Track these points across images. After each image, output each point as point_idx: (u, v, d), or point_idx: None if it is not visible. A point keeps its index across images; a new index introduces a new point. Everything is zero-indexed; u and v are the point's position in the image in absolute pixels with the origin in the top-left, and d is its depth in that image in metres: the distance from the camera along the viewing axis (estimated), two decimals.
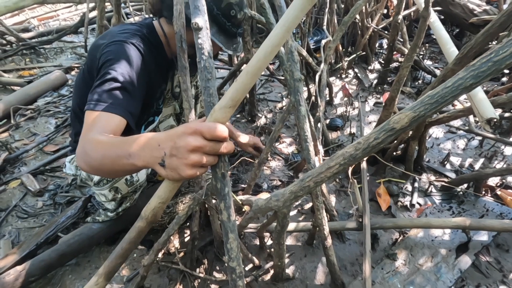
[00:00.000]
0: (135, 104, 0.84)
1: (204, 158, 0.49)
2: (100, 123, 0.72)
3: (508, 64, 0.38)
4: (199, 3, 0.55)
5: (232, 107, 0.50)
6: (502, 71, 0.39)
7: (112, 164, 0.60)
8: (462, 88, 0.41)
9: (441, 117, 1.18)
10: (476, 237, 1.08)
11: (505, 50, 0.38)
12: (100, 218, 1.16)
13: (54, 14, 4.52)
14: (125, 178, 1.04)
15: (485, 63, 0.39)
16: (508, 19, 0.77)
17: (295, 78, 0.89)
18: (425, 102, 0.44)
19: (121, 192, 1.07)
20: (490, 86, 2.09)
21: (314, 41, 2.60)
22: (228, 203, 0.62)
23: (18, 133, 2.01)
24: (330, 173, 0.55)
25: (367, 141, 0.50)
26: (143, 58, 0.91)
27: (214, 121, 0.51)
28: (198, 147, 0.48)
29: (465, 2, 2.38)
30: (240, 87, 0.48)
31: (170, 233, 0.77)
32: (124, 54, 0.85)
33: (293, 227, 1.10)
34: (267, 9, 1.06)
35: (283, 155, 1.65)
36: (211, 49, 0.56)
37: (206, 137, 0.49)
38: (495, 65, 0.38)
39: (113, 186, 1.04)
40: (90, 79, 0.93)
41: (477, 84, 0.40)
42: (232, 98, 0.49)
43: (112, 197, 1.07)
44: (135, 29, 0.96)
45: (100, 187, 1.04)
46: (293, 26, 0.43)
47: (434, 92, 0.43)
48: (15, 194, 1.53)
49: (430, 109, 0.44)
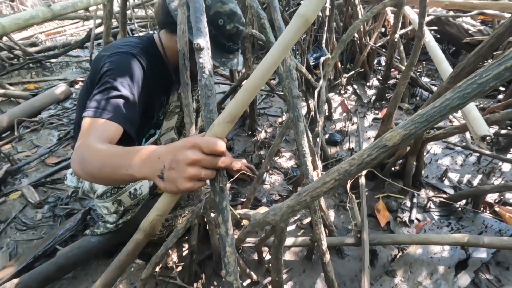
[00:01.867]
0: (133, 113, 0.86)
1: (202, 171, 0.51)
2: (97, 129, 0.73)
3: (491, 86, 0.40)
4: (201, 25, 0.58)
5: (231, 122, 0.53)
6: (486, 92, 0.41)
7: (111, 173, 0.61)
8: (450, 108, 0.43)
9: (438, 134, 1.20)
10: (476, 254, 1.08)
11: (488, 74, 0.40)
12: (99, 231, 1.16)
13: (62, 30, 4.66)
14: (129, 191, 1.05)
15: (470, 85, 0.41)
16: (497, 41, 0.81)
17: (293, 95, 0.92)
18: (415, 121, 0.46)
19: (124, 205, 1.08)
20: (486, 103, 2.13)
21: (314, 58, 2.67)
22: (226, 217, 0.63)
23: (21, 145, 2.03)
24: (326, 188, 0.56)
25: (361, 157, 0.52)
26: (144, 70, 0.94)
27: (212, 135, 0.53)
28: (196, 160, 0.50)
29: (460, 22, 2.45)
30: (239, 103, 0.50)
31: (168, 246, 0.77)
32: (125, 64, 0.88)
33: (291, 242, 1.10)
34: (267, 29, 1.11)
35: (283, 169, 1.66)
36: (212, 68, 0.59)
37: (204, 151, 0.50)
38: (480, 87, 0.41)
39: (116, 199, 1.04)
40: (92, 91, 0.93)
41: (463, 104, 0.42)
42: (230, 113, 0.51)
43: (114, 210, 1.08)
44: (137, 42, 1.00)
45: (103, 200, 1.05)
46: (289, 46, 0.45)
47: (424, 111, 0.46)
48: (15, 206, 1.54)
49: (420, 128, 0.46)
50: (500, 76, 0.39)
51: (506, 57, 0.39)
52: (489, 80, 0.40)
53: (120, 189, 1.04)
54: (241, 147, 1.85)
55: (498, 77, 0.39)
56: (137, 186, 1.07)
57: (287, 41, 0.45)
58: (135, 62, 0.92)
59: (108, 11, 1.71)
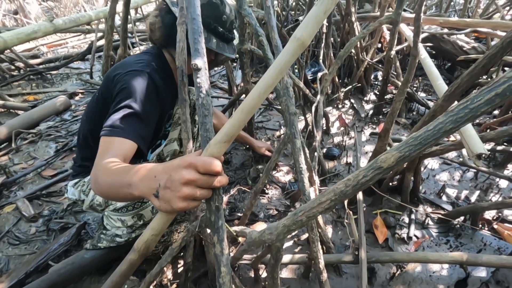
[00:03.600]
0: (147, 130, 0.90)
1: (197, 191, 0.51)
2: (112, 148, 0.78)
3: (483, 111, 0.41)
4: (199, 46, 0.59)
5: (227, 142, 0.53)
6: (478, 117, 0.42)
7: (117, 192, 0.65)
8: (443, 132, 0.43)
9: (434, 150, 1.20)
10: (475, 273, 1.06)
11: (479, 99, 0.41)
12: (102, 244, 1.13)
13: (63, 42, 4.72)
14: (152, 206, 1.05)
15: (462, 109, 0.42)
16: (490, 62, 0.82)
17: (290, 112, 0.92)
18: (409, 143, 0.47)
19: (144, 219, 1.07)
20: (482, 118, 2.15)
21: (312, 72, 2.70)
22: (222, 237, 0.62)
23: (18, 157, 2.02)
24: (322, 208, 0.56)
25: (356, 178, 0.52)
26: (157, 88, 0.97)
27: (209, 155, 0.53)
28: (192, 180, 0.50)
29: (455, 39, 2.51)
30: (235, 123, 0.51)
31: (163, 265, 0.76)
32: (139, 83, 0.91)
33: (288, 259, 1.09)
34: (265, 46, 1.13)
35: (280, 184, 1.66)
36: (209, 87, 0.59)
37: (200, 171, 0.50)
38: (471, 112, 0.41)
39: (138, 213, 1.04)
40: (103, 106, 0.99)
41: (456, 128, 0.43)
42: (227, 133, 0.52)
43: (132, 223, 1.07)
44: (149, 59, 1.03)
45: (122, 213, 1.04)
46: (285, 69, 0.46)
47: (418, 134, 0.46)
48: (9, 219, 1.52)
49: (415, 150, 0.46)
50: (491, 101, 0.40)
51: (496, 83, 0.40)
52: (481, 105, 0.40)
53: (144, 204, 1.05)
54: (239, 161, 1.84)
55: (489, 103, 0.40)
56: None
57: (283, 63, 0.45)
58: (149, 79, 0.95)
59: (109, 26, 1.74)
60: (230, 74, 2.06)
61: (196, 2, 0.62)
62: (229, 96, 2.43)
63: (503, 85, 0.39)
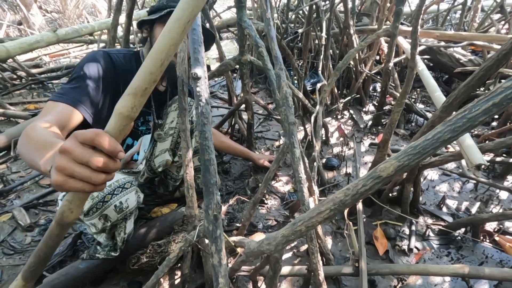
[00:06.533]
0: (88, 98, 0.97)
1: (72, 166, 0.42)
2: (46, 110, 0.86)
3: (480, 121, 0.41)
4: (199, 56, 0.60)
5: (132, 95, 0.41)
6: (476, 126, 0.42)
7: (26, 156, 0.67)
8: (442, 141, 0.44)
9: (434, 161, 1.20)
10: (477, 286, 1.04)
11: (477, 109, 0.41)
12: (100, 256, 1.10)
13: (66, 52, 4.78)
14: (114, 205, 1.00)
15: (460, 119, 0.42)
16: (486, 74, 0.83)
17: (289, 122, 0.93)
18: (408, 153, 0.47)
19: (110, 220, 1.02)
20: (481, 130, 2.16)
21: (311, 83, 2.73)
22: (220, 246, 0.61)
23: (16, 165, 2.02)
24: (321, 218, 0.55)
25: (355, 187, 0.51)
26: (114, 65, 1.06)
27: (110, 124, 0.43)
28: (66, 149, 0.42)
29: (452, 52, 2.55)
30: (142, 74, 0.41)
31: (160, 276, 0.74)
32: (93, 58, 1.01)
33: (287, 271, 1.07)
34: (265, 56, 1.14)
35: (279, 194, 1.65)
36: (208, 96, 0.60)
37: (79, 140, 0.43)
38: (469, 122, 0.41)
39: (102, 213, 1.00)
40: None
41: (455, 137, 0.43)
42: (132, 86, 0.41)
43: (101, 227, 1.02)
44: (125, 50, 1.16)
45: (90, 217, 0.99)
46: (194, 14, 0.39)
47: (416, 143, 0.46)
48: (4, 229, 1.50)
49: (414, 159, 0.46)
50: (488, 111, 0.40)
51: (493, 93, 0.40)
52: (478, 115, 0.41)
53: (105, 203, 0.99)
54: (237, 171, 1.84)
55: (487, 112, 0.40)
56: (123, 199, 1.03)
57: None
58: (106, 57, 1.05)
59: (112, 37, 1.77)
60: (230, 84, 2.08)
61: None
62: (229, 106, 2.45)
63: (500, 95, 0.40)
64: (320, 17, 2.30)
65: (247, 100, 1.67)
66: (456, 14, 4.61)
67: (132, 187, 1.07)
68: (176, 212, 1.40)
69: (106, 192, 0.98)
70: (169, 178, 1.37)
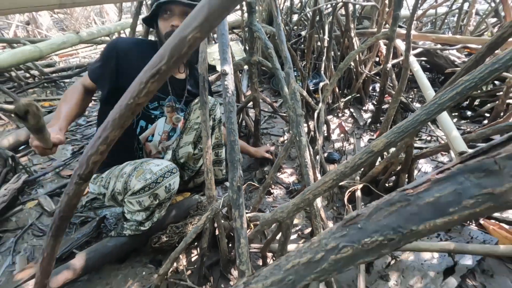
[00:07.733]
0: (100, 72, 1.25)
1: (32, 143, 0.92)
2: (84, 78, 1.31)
3: (448, 106, 0.54)
4: (227, 56, 0.73)
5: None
6: (444, 110, 0.55)
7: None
8: (419, 122, 0.57)
9: (425, 152, 1.34)
10: (462, 261, 1.17)
11: (444, 96, 0.54)
12: (127, 232, 1.24)
13: (74, 52, 4.93)
14: (165, 186, 1.16)
15: (432, 104, 0.56)
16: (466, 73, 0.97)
17: (297, 113, 1.06)
18: (394, 132, 0.60)
19: (159, 199, 1.18)
20: (472, 127, 2.29)
21: (313, 83, 2.87)
22: (242, 212, 0.75)
23: (36, 158, 2.15)
24: (326, 186, 0.69)
25: (353, 160, 0.65)
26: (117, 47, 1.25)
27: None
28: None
29: (447, 54, 2.68)
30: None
31: (188, 241, 0.88)
32: (112, 43, 1.28)
33: (293, 249, 1.20)
34: (273, 57, 1.28)
35: (285, 184, 1.78)
36: (234, 89, 0.73)
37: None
38: (439, 106, 0.55)
39: (153, 192, 1.15)
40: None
41: (429, 119, 0.56)
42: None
43: (148, 204, 1.16)
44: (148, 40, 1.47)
45: (139, 195, 1.14)
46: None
47: (400, 124, 0.59)
48: (31, 214, 1.63)
49: (399, 137, 0.60)
50: (453, 98, 0.54)
51: (456, 85, 0.53)
52: (446, 101, 0.54)
53: (157, 184, 1.14)
54: (245, 164, 1.97)
55: (452, 99, 0.54)
56: (171, 182, 1.18)
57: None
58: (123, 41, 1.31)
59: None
60: (238, 83, 2.22)
61: (224, 19, 0.77)
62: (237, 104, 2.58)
63: (461, 86, 0.53)
64: (323, 21, 2.44)
65: (255, 97, 1.80)
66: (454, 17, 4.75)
67: (177, 172, 1.23)
68: (191, 198, 1.54)
69: (158, 175, 1.14)
70: (186, 169, 1.50)
